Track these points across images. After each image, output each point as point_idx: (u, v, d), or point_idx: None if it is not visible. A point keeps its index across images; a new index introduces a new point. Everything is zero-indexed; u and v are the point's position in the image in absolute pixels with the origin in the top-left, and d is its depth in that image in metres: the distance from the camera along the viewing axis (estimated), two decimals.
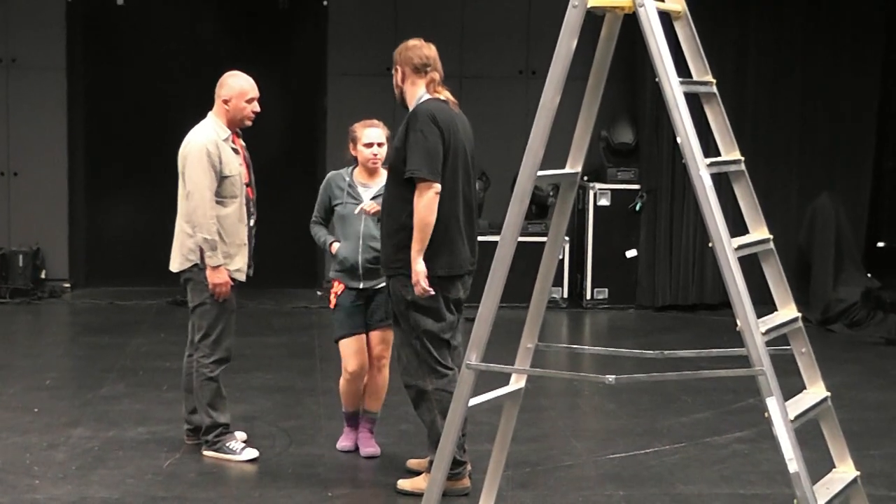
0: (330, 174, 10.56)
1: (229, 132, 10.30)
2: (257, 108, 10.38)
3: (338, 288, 10.34)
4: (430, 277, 9.07)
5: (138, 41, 18.55)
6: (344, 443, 10.72)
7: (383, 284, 9.89)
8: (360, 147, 10.24)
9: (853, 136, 17.89)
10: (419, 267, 9.00)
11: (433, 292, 9.04)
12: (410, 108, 9.29)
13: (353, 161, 10.39)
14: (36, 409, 12.18)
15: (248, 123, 10.43)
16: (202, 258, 10.14)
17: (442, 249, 9.17)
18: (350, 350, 10.30)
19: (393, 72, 9.49)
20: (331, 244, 10.30)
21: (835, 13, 17.57)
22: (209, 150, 10.05)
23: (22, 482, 9.95)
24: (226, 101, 10.29)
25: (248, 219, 10.44)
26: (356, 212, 10.11)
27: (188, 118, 10.58)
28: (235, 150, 10.35)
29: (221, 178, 10.10)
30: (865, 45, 17.82)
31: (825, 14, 17.55)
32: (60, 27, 18.05)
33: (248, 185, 10.42)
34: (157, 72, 18.22)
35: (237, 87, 10.31)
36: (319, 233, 10.44)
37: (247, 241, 10.39)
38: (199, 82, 10.94)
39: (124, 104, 18.45)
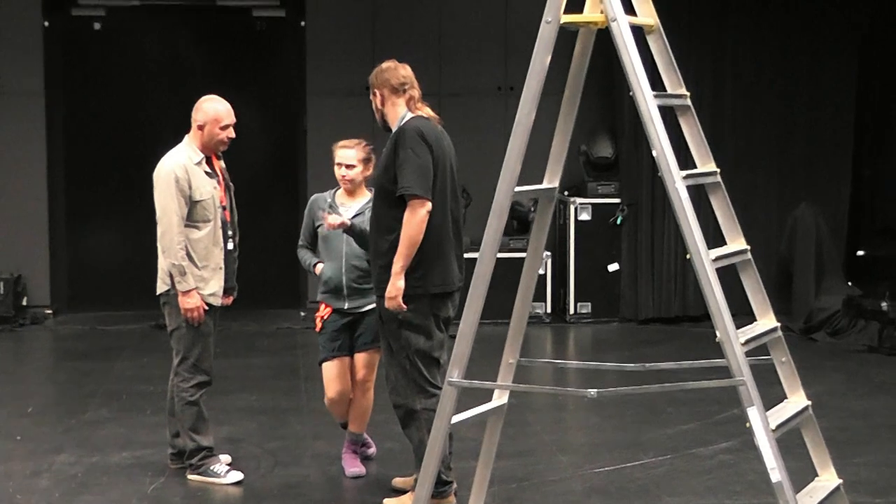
0: (313, 197, 10.60)
1: (203, 156, 10.32)
2: (232, 134, 10.40)
3: (324, 311, 10.37)
4: (423, 296, 9.15)
5: (117, 65, 18.57)
6: (352, 469, 10.69)
7: (370, 307, 9.96)
8: (334, 165, 10.30)
9: (831, 146, 17.95)
10: (400, 283, 9.02)
11: (405, 308, 9.07)
12: (394, 129, 9.31)
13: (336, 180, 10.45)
14: (18, 437, 12.18)
15: (223, 148, 10.49)
16: (173, 283, 10.21)
17: (436, 267, 9.21)
18: (331, 374, 10.37)
19: (371, 96, 9.51)
20: (314, 265, 10.36)
21: (811, 24, 17.62)
22: (178, 175, 10.08)
23: None
24: (200, 127, 10.31)
25: (226, 242, 10.45)
26: (318, 226, 10.21)
27: (167, 141, 10.60)
28: (210, 174, 10.37)
29: (193, 203, 10.12)
30: (842, 55, 17.89)
31: (802, 24, 17.60)
32: (38, 52, 18.07)
33: (224, 208, 10.43)
34: (136, 95, 18.25)
35: (212, 112, 10.33)
36: (305, 256, 10.49)
37: (223, 265, 10.39)
38: (179, 105, 10.98)
39: (104, 128, 18.46)
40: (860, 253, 17.71)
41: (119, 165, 17.08)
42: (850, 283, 17.11)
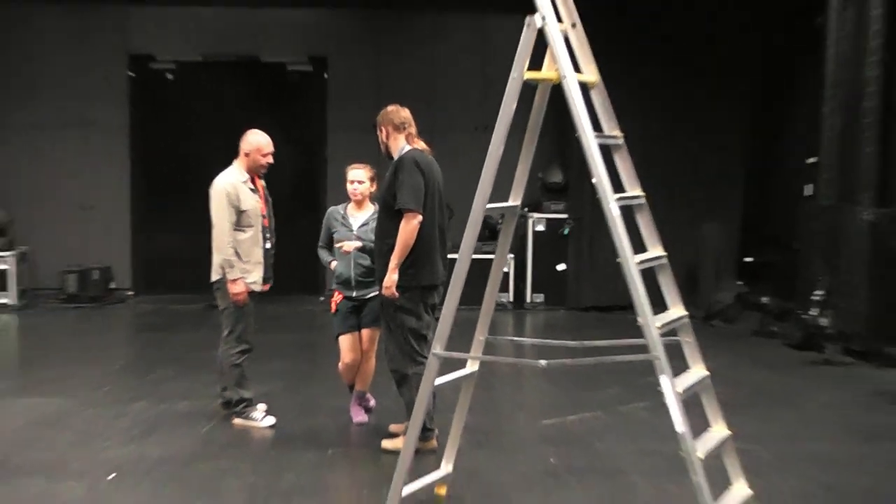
0: (329, 209, 10.67)
1: (248, 176, 10.43)
2: (271, 160, 10.56)
3: (337, 297, 10.44)
4: (415, 287, 9.28)
5: (184, 105, 18.52)
6: (358, 418, 10.74)
7: (373, 294, 10.08)
8: (347, 184, 10.41)
9: (727, 180, 17.95)
10: (395, 276, 9.19)
11: (398, 296, 9.22)
12: (395, 158, 9.42)
13: (348, 196, 10.47)
14: (106, 388, 12.20)
15: (263, 171, 10.58)
16: (224, 273, 10.28)
17: (425, 265, 9.33)
18: (346, 345, 10.45)
19: (378, 132, 9.61)
20: (330, 262, 10.41)
21: (712, 84, 17.58)
22: (228, 191, 10.25)
23: (97, 444, 10.01)
24: (246, 154, 10.46)
25: (265, 242, 10.54)
26: (338, 248, 10.28)
27: (220, 165, 10.63)
28: (253, 190, 10.43)
29: (239, 212, 10.27)
30: (735, 113, 17.86)
31: (704, 84, 17.56)
32: (125, 96, 18.02)
33: (264, 216, 10.50)
34: (196, 128, 18.20)
35: (255, 142, 10.48)
36: (323, 255, 10.55)
37: (262, 260, 10.50)
38: (229, 136, 10.92)
39: (173, 154, 18.43)
40: (748, 260, 17.66)
41: (183, 182, 16.97)
42: (740, 283, 17.09)
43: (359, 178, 10.37)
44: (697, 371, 7.61)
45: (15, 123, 17.84)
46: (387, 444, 9.79)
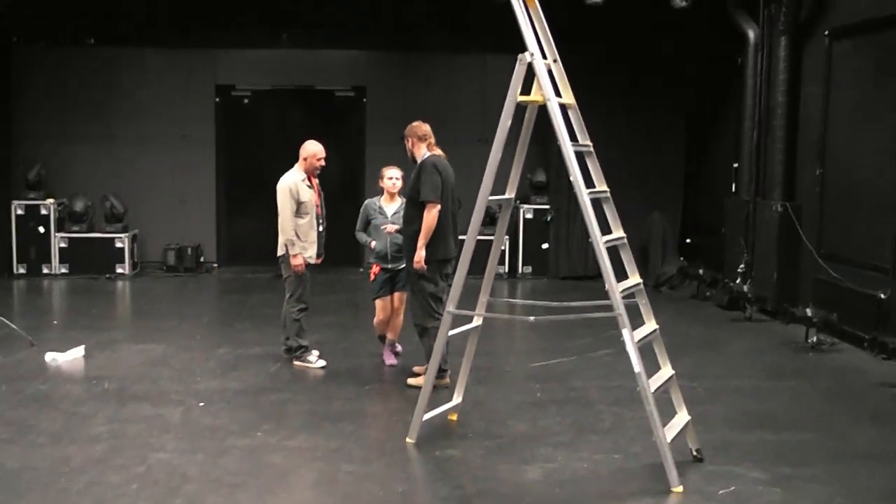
0: (366, 202, 10.66)
1: (305, 175, 10.42)
2: (323, 163, 10.57)
3: (376, 269, 10.43)
4: (432, 261, 9.32)
5: (257, 123, 18.46)
6: (389, 361, 10.71)
7: (402, 266, 10.04)
8: (385, 181, 10.42)
9: (670, 178, 17.86)
10: (422, 253, 9.24)
11: (426, 267, 9.26)
12: (419, 161, 9.46)
13: (381, 191, 10.44)
14: (197, 337, 12.16)
15: (318, 171, 10.55)
16: (287, 250, 10.28)
17: (440, 243, 9.37)
18: (381, 306, 10.46)
19: (405, 141, 9.66)
20: (369, 242, 10.37)
21: (656, 101, 17.54)
22: (290, 187, 10.28)
23: (191, 378, 10.06)
24: (304, 158, 10.47)
25: (318, 226, 10.55)
26: (382, 229, 10.25)
27: (283, 166, 10.61)
28: (310, 186, 10.43)
29: (298, 203, 10.29)
30: (675, 126, 17.82)
31: (651, 102, 17.50)
32: (211, 116, 17.98)
33: (318, 206, 10.51)
34: (266, 140, 18.13)
35: (311, 150, 10.49)
36: (361, 237, 10.52)
37: (316, 240, 10.51)
38: (291, 146, 10.89)
39: (247, 159, 18.33)
40: (688, 241, 17.60)
41: (256, 181, 16.93)
42: (682, 259, 17.01)
43: (396, 175, 10.42)
44: (650, 325, 7.62)
45: (129, 137, 17.81)
46: (411, 381, 9.80)
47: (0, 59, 17.32)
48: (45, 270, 17.09)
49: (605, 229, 7.44)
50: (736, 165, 15.10)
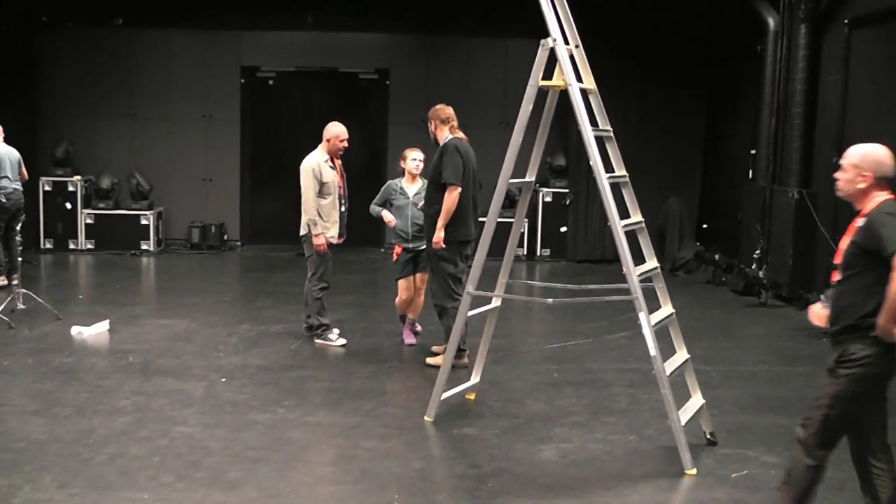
0: (389, 182, 10.66)
1: (328, 156, 10.41)
2: (346, 145, 10.54)
3: (398, 250, 10.43)
4: (452, 242, 9.30)
5: (281, 104, 18.47)
6: (408, 340, 10.72)
7: (423, 247, 10.00)
8: (407, 162, 10.40)
9: (690, 164, 17.81)
10: (441, 234, 9.23)
11: (444, 246, 9.25)
12: (441, 144, 9.41)
13: (402, 172, 10.45)
14: (220, 314, 12.20)
15: (341, 153, 10.54)
16: (309, 229, 10.28)
17: (461, 225, 9.35)
18: (403, 286, 10.44)
19: (428, 124, 9.62)
20: (381, 213, 10.44)
21: (677, 91, 17.49)
22: (313, 167, 10.27)
23: (213, 354, 10.12)
24: (328, 140, 10.46)
25: (340, 206, 10.55)
26: (395, 199, 10.36)
27: (307, 147, 10.62)
28: (332, 167, 10.43)
29: (321, 184, 10.28)
30: (696, 113, 17.74)
31: (671, 92, 17.44)
32: (237, 97, 18.00)
33: (340, 187, 10.51)
34: (290, 121, 18.15)
35: (334, 131, 10.46)
36: (375, 209, 10.51)
37: (338, 220, 10.51)
38: (314, 127, 10.91)
39: (272, 140, 18.39)
40: (704, 226, 17.54)
41: (279, 161, 16.96)
42: (698, 244, 16.98)
43: (418, 157, 10.41)
44: (666, 309, 7.60)
45: (155, 116, 17.86)
46: (430, 360, 9.80)
47: (28, 38, 17.41)
48: (72, 246, 17.19)
49: (624, 213, 7.42)
50: (753, 152, 15.04)
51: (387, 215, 10.38)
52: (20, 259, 11.90)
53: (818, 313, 5.82)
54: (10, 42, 16.86)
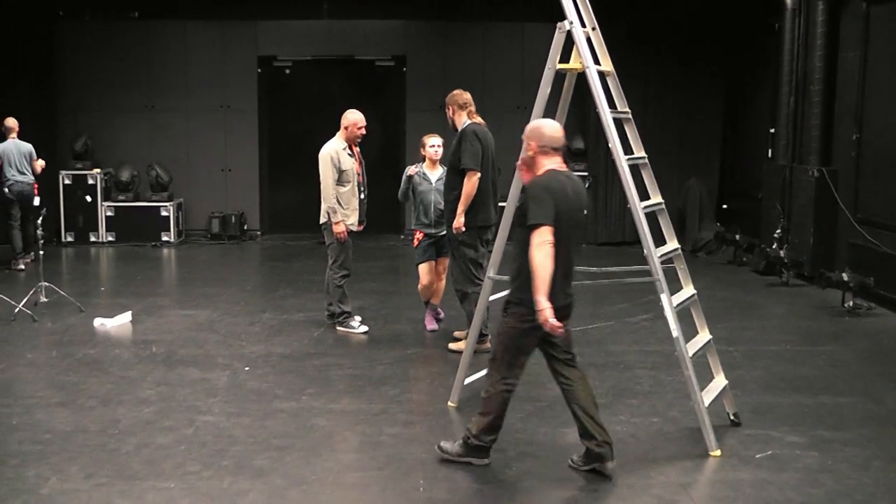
0: (409, 167, 10.61)
1: (346, 144, 10.42)
2: (364, 132, 10.52)
3: (419, 235, 10.41)
4: (472, 227, 9.33)
5: (298, 93, 18.47)
6: (430, 326, 10.72)
7: (443, 232, 9.96)
8: (427, 148, 10.40)
9: (708, 144, 17.76)
10: (462, 219, 9.25)
11: (464, 231, 9.27)
12: (459, 129, 9.44)
13: (423, 159, 10.43)
14: (242, 303, 12.24)
15: (359, 140, 10.54)
16: (329, 217, 10.25)
17: (480, 210, 9.37)
18: (424, 270, 10.41)
19: (446, 109, 9.63)
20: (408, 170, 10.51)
21: (697, 70, 17.43)
22: (332, 155, 10.28)
23: (236, 343, 10.15)
24: (346, 127, 10.46)
25: (360, 194, 10.54)
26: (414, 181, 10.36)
27: (325, 135, 10.61)
28: (351, 155, 10.43)
29: (340, 171, 10.28)
30: (714, 93, 17.68)
31: (692, 69, 17.38)
32: (254, 87, 18.03)
33: (359, 174, 10.50)
34: (307, 110, 18.12)
35: (352, 119, 10.46)
36: (402, 190, 10.46)
37: (357, 207, 10.51)
38: (331, 115, 10.93)
39: (289, 129, 18.38)
40: (724, 206, 17.50)
41: (298, 150, 16.96)
42: (718, 224, 16.94)
43: (438, 143, 10.42)
44: (687, 290, 7.59)
45: (174, 107, 17.90)
46: (452, 345, 9.82)
47: (46, 32, 17.46)
48: (93, 238, 17.27)
49: (644, 195, 7.40)
50: (773, 130, 14.98)
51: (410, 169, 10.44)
52: (41, 251, 11.91)
53: None
54: (29, 37, 16.94)
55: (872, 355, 9.90)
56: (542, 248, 6.03)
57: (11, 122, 14.66)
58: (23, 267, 14.36)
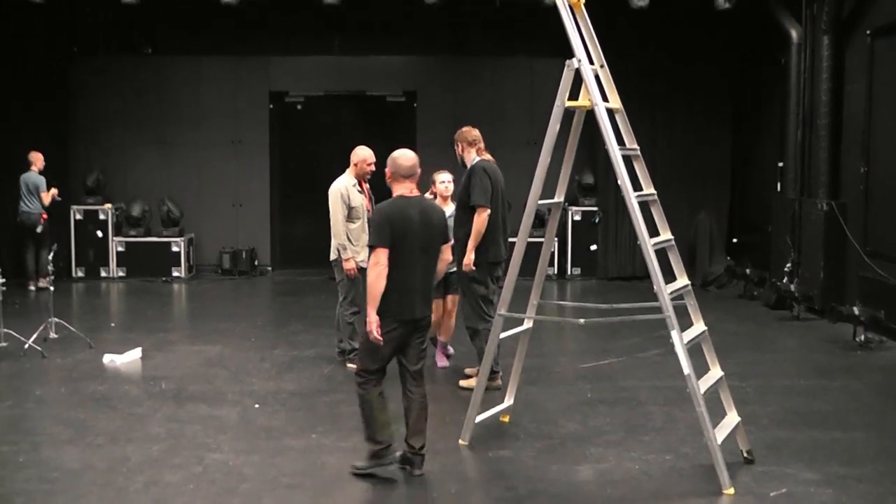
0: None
1: (356, 180, 10.39)
2: (374, 169, 10.40)
3: None
4: (482, 263, 9.27)
5: (310, 128, 18.50)
6: (441, 363, 10.63)
7: (453, 269, 9.79)
8: (437, 185, 10.38)
9: (717, 180, 17.69)
10: (471, 256, 9.19)
11: (474, 268, 9.21)
12: (469, 166, 9.43)
13: (435, 196, 10.39)
14: (252, 339, 12.17)
15: (368, 177, 10.53)
16: (339, 254, 10.22)
17: (491, 246, 9.32)
18: (433, 307, 10.26)
19: (455, 146, 9.62)
20: None
21: (704, 110, 17.42)
22: (342, 192, 10.24)
23: (246, 379, 10.08)
24: (355, 164, 10.44)
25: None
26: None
27: (336, 171, 10.59)
28: (360, 191, 10.41)
29: (350, 208, 10.24)
30: (723, 127, 17.65)
31: (699, 109, 17.37)
32: (265, 122, 18.08)
33: (368, 210, 10.40)
34: (319, 145, 18.16)
35: (361, 155, 10.44)
36: None
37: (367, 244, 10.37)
38: (342, 150, 10.94)
39: (301, 164, 18.41)
40: (734, 240, 17.44)
41: (308, 185, 16.95)
42: (728, 258, 16.87)
43: (447, 179, 10.38)
44: (698, 326, 7.52)
45: (185, 142, 17.95)
46: (463, 382, 9.75)
47: (60, 68, 17.51)
48: (104, 273, 17.25)
49: (653, 231, 7.35)
50: (781, 164, 14.95)
51: None
52: (51, 268, 11.93)
53: None
54: (44, 72, 17.03)
55: (885, 389, 9.81)
56: (374, 269, 6.85)
57: (32, 155, 15.85)
58: (32, 288, 15.74)
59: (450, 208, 10.25)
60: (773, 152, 15.57)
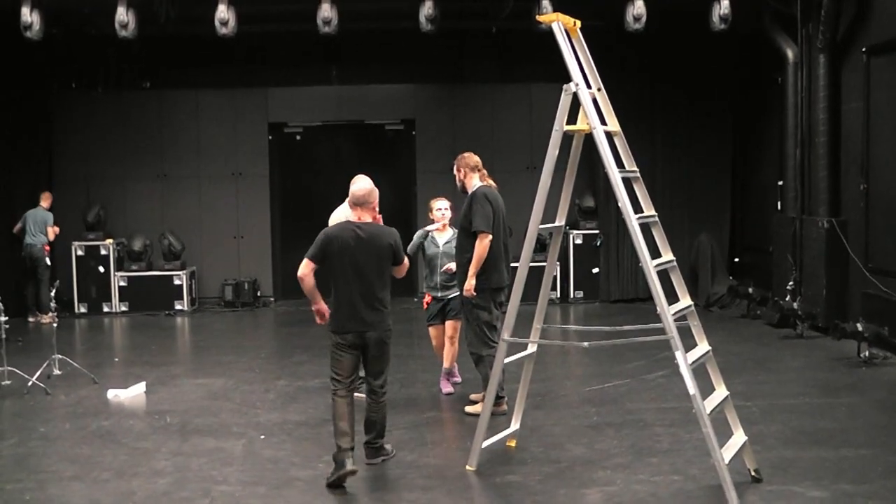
0: (421, 230, 10.57)
1: None
2: None
3: (428, 298, 10.42)
4: (485, 289, 9.23)
5: (309, 158, 18.55)
6: (445, 389, 10.60)
7: (453, 295, 10.01)
8: (434, 212, 10.38)
9: (717, 200, 17.68)
10: (473, 281, 9.15)
11: (476, 294, 9.18)
12: (470, 192, 9.41)
13: (433, 222, 10.39)
14: (256, 370, 12.15)
15: None
16: None
17: (493, 272, 9.27)
18: (432, 333, 10.53)
19: (455, 171, 9.61)
20: (447, 267, 10.28)
21: (703, 128, 17.44)
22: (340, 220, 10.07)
23: (251, 411, 10.07)
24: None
25: None
26: (443, 271, 10.24)
27: (336, 200, 10.54)
28: None
29: None
30: (722, 148, 17.66)
31: (697, 126, 17.38)
32: (265, 153, 18.13)
33: None
34: (318, 174, 18.21)
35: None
36: (413, 244, 10.37)
37: None
38: (342, 180, 10.90)
39: (301, 194, 18.44)
40: (736, 260, 17.43)
41: (309, 215, 16.87)
42: (731, 278, 16.86)
43: (445, 206, 10.39)
44: (702, 347, 7.52)
45: (185, 175, 17.99)
46: (469, 408, 9.70)
47: (59, 105, 17.58)
48: (106, 309, 17.25)
49: (655, 253, 7.36)
50: (781, 183, 14.98)
51: (451, 266, 10.16)
52: (53, 304, 12.00)
53: None
54: (43, 108, 17.13)
55: (891, 405, 9.79)
56: (299, 274, 8.20)
57: (44, 195, 16.59)
58: (32, 320, 16.32)
59: (446, 235, 10.31)
60: (773, 171, 15.59)
